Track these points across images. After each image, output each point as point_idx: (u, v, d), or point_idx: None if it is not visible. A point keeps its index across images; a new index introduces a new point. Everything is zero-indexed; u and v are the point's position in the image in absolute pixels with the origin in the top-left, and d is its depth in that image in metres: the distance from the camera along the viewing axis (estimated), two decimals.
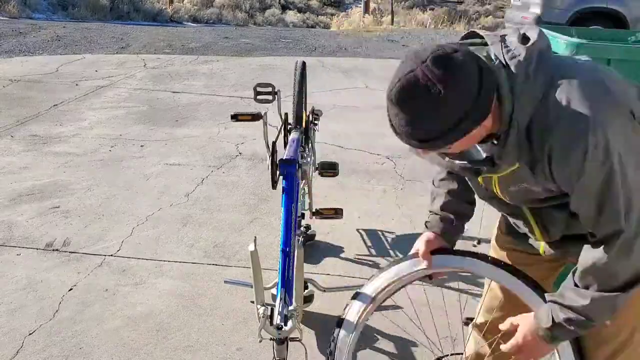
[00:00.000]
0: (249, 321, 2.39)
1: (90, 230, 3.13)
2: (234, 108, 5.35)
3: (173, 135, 4.77)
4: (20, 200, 3.47)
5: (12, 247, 2.95)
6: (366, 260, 2.93)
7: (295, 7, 16.16)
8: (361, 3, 15.63)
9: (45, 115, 5.20)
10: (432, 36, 11.80)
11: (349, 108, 5.72)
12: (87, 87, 6.23)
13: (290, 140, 2.38)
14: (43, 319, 2.38)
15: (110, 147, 4.44)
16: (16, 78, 6.50)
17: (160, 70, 7.24)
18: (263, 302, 1.79)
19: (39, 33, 9.68)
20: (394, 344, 2.30)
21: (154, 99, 5.86)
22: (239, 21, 13.89)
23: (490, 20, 14.36)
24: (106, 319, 2.40)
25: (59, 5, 13.04)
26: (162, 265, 2.82)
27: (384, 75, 7.42)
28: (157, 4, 14.24)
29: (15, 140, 4.53)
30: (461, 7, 16.05)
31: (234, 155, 4.36)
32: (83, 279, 2.68)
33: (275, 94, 2.54)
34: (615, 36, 2.73)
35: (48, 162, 4.10)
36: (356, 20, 14.60)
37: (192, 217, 3.33)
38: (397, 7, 15.55)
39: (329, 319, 2.45)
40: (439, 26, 13.99)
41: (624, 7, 9.33)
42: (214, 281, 2.69)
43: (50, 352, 2.19)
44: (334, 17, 15.45)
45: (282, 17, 14.85)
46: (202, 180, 3.85)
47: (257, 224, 3.27)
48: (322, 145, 4.38)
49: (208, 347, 2.24)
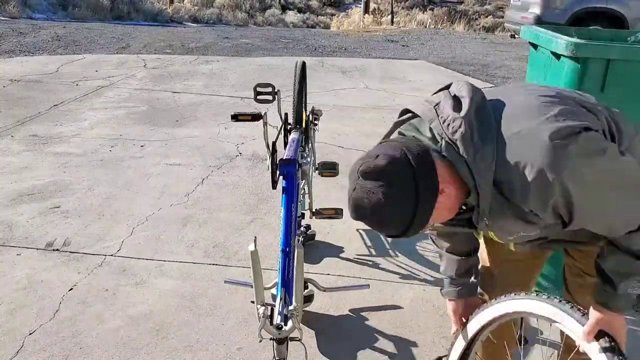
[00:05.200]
0: (249, 321, 2.39)
1: (91, 230, 3.13)
2: (234, 108, 5.36)
3: (173, 135, 4.78)
4: (21, 200, 3.48)
5: (12, 247, 2.95)
6: (366, 260, 2.93)
7: (295, 7, 16.15)
8: (361, 3, 15.62)
9: (46, 115, 5.20)
10: (431, 36, 11.81)
11: (349, 108, 5.72)
12: (87, 87, 6.23)
13: (290, 140, 2.38)
14: (43, 318, 2.38)
15: (111, 147, 4.44)
16: (16, 78, 6.51)
17: (161, 71, 7.25)
18: (263, 302, 1.79)
19: (39, 33, 9.68)
20: (394, 344, 2.30)
21: (154, 99, 5.86)
22: (239, 21, 13.89)
23: (490, 21, 14.36)
24: (106, 318, 2.40)
25: (59, 5, 13.04)
26: (162, 265, 2.82)
27: (384, 75, 7.43)
28: (157, 4, 14.24)
29: (16, 140, 4.53)
30: (461, 7, 16.05)
31: (234, 155, 4.36)
32: (83, 279, 2.68)
33: (275, 94, 2.54)
34: (615, 36, 2.73)
35: (48, 162, 4.10)
36: (356, 20, 14.60)
37: (192, 217, 3.33)
38: (397, 7, 15.54)
39: (329, 319, 2.45)
40: (438, 26, 14.00)
41: (624, 7, 9.34)
42: (214, 281, 2.69)
43: (50, 352, 2.19)
44: (334, 17, 15.45)
45: (282, 17, 14.84)
46: (202, 180, 3.86)
47: (257, 224, 3.27)
48: (322, 145, 4.38)
49: (208, 347, 2.25)
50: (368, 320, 2.45)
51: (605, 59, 2.20)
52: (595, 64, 2.22)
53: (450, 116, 1.23)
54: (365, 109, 5.71)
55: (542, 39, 2.47)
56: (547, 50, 2.43)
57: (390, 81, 7.02)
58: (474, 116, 1.22)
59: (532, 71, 2.71)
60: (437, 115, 1.25)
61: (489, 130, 1.21)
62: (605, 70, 2.22)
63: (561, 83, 2.31)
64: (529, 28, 2.66)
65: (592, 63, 2.22)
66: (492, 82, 7.28)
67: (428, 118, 1.27)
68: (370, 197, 1.18)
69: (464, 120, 1.21)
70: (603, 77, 2.23)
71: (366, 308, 2.52)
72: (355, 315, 2.48)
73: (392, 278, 2.76)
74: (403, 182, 1.18)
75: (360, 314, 2.48)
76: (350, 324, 2.42)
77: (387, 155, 1.20)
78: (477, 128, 1.21)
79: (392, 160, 1.19)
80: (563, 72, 2.30)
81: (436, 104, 1.29)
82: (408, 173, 1.18)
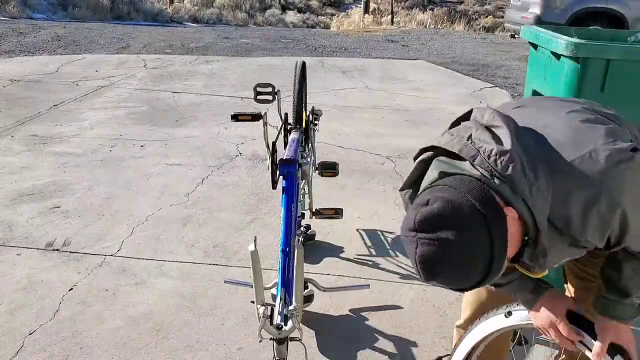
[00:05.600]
0: (249, 321, 2.39)
1: (91, 230, 3.13)
2: (234, 108, 5.36)
3: (173, 135, 4.78)
4: (21, 200, 3.48)
5: (12, 247, 2.95)
6: (366, 260, 2.93)
7: (295, 7, 16.16)
8: (361, 3, 15.62)
9: (46, 115, 5.20)
10: (431, 36, 11.80)
11: (348, 108, 5.72)
12: (87, 87, 6.23)
13: (290, 140, 2.38)
14: (43, 318, 2.38)
15: (111, 147, 4.44)
16: (16, 78, 6.51)
17: (161, 71, 7.25)
18: (263, 302, 1.79)
19: (39, 33, 9.68)
20: (394, 344, 2.30)
21: (154, 99, 5.86)
22: (239, 21, 13.89)
23: (490, 21, 14.36)
24: (106, 319, 2.40)
25: (59, 5, 13.05)
26: (162, 265, 2.82)
27: (384, 75, 7.43)
28: (157, 4, 14.24)
29: (16, 140, 4.53)
30: (461, 7, 16.05)
31: (234, 155, 4.36)
32: (83, 279, 2.68)
33: (275, 94, 2.54)
34: (615, 36, 2.73)
35: (48, 162, 4.10)
36: (356, 20, 14.61)
37: (192, 217, 3.33)
38: (397, 7, 15.54)
39: (329, 319, 2.46)
40: (438, 26, 14.00)
41: (624, 7, 9.34)
42: (214, 281, 2.69)
43: (50, 352, 2.19)
44: (334, 17, 15.45)
45: (282, 17, 14.85)
46: (202, 180, 3.86)
47: (257, 224, 3.27)
48: (322, 145, 4.38)
49: (208, 347, 2.25)
50: (368, 320, 2.45)
51: (605, 59, 2.20)
52: (595, 64, 2.22)
53: (494, 149, 1.11)
54: (365, 109, 5.71)
55: (542, 39, 2.47)
56: (547, 50, 2.43)
57: (390, 81, 7.02)
58: (519, 148, 1.11)
59: (532, 71, 2.71)
60: (477, 150, 1.13)
61: (538, 162, 1.12)
62: (605, 70, 2.22)
63: (561, 83, 2.31)
64: (529, 28, 2.66)
65: (592, 63, 2.21)
66: (492, 82, 7.28)
67: (469, 155, 1.13)
68: (440, 248, 1.03)
69: (511, 153, 1.09)
70: (603, 77, 2.23)
71: (366, 308, 2.52)
72: (355, 315, 2.48)
73: (392, 278, 2.76)
74: (471, 223, 1.05)
75: (360, 314, 2.48)
76: (350, 324, 2.42)
77: (444, 199, 1.06)
78: (527, 161, 1.10)
79: (452, 204, 1.05)
80: (563, 72, 2.30)
81: (468, 136, 1.16)
82: (476, 214, 1.05)
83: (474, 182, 1.09)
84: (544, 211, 1.11)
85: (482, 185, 1.08)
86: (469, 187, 1.08)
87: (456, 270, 1.05)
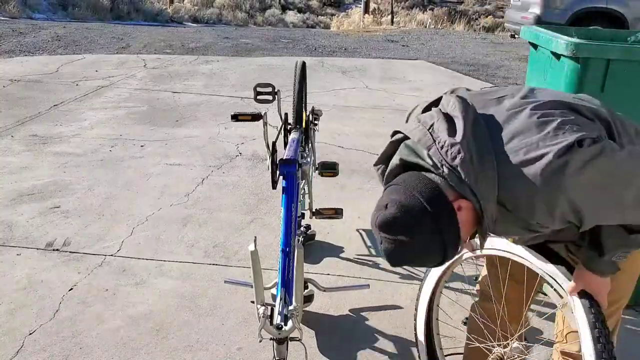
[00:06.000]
0: (249, 321, 2.39)
1: (91, 230, 3.13)
2: (234, 108, 5.36)
3: (173, 135, 4.78)
4: (21, 200, 3.48)
5: (12, 247, 2.95)
6: (366, 260, 2.93)
7: (295, 7, 16.15)
8: (361, 3, 15.62)
9: (46, 115, 5.20)
10: (431, 36, 11.80)
11: (349, 108, 5.72)
12: (87, 87, 6.23)
13: (290, 140, 2.38)
14: (43, 318, 2.38)
15: (111, 147, 4.44)
16: (16, 78, 6.51)
17: (161, 71, 7.25)
18: (263, 302, 1.79)
19: (39, 33, 9.68)
20: (394, 344, 2.30)
21: (154, 99, 5.86)
22: (239, 21, 13.89)
23: (490, 21, 14.36)
24: (106, 319, 2.40)
25: (59, 5, 13.05)
26: (162, 265, 2.82)
27: (383, 75, 7.43)
28: (157, 4, 14.24)
29: (16, 140, 4.53)
30: (461, 7, 16.05)
31: (234, 155, 4.36)
32: (83, 279, 2.68)
33: (275, 94, 2.54)
34: (615, 36, 2.73)
35: (48, 162, 4.10)
36: (356, 20, 14.61)
37: (192, 217, 3.33)
38: (397, 7, 15.54)
39: (329, 319, 2.46)
40: (438, 26, 14.00)
41: (624, 7, 9.34)
42: (214, 281, 2.69)
43: (50, 352, 2.19)
44: (334, 17, 15.45)
45: (282, 17, 14.84)
46: (202, 180, 3.86)
47: (257, 224, 3.27)
48: (322, 145, 4.38)
49: (208, 347, 2.25)
50: (368, 320, 2.45)
51: (605, 59, 2.20)
52: (595, 64, 2.22)
53: (447, 141, 1.23)
54: (365, 109, 5.71)
55: (542, 39, 2.47)
56: (547, 50, 2.43)
57: (390, 81, 7.02)
58: (471, 139, 1.22)
59: (532, 71, 2.71)
60: (433, 140, 1.25)
61: (487, 152, 1.22)
62: (605, 70, 2.22)
63: (561, 83, 2.31)
64: (529, 28, 2.66)
65: (592, 63, 2.22)
66: (492, 82, 7.28)
67: (425, 145, 1.26)
68: (398, 246, 1.21)
69: (461, 145, 1.21)
70: (603, 77, 2.23)
71: (366, 308, 2.52)
72: (355, 315, 2.48)
73: (392, 278, 2.76)
74: (422, 224, 1.20)
75: (360, 314, 2.48)
76: (350, 324, 2.42)
77: (398, 203, 1.21)
78: (476, 151, 1.22)
79: (405, 207, 1.21)
80: (563, 72, 2.30)
81: (430, 125, 1.28)
82: (425, 215, 1.20)
83: (423, 181, 1.23)
84: (488, 198, 1.23)
85: (430, 183, 1.22)
86: (420, 187, 1.22)
87: (415, 259, 1.25)
